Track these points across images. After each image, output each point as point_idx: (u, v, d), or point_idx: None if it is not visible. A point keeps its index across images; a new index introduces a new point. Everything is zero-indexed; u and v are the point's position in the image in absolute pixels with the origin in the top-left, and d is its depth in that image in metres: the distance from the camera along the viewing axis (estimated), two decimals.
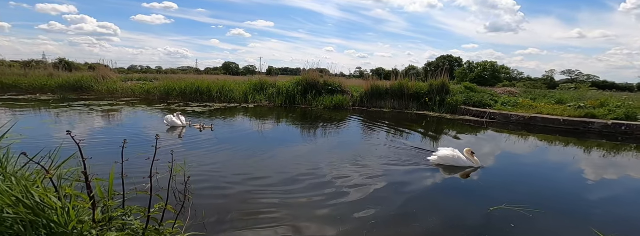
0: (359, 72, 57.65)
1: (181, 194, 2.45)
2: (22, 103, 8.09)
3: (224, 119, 6.96)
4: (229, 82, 11.64)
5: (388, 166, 3.63)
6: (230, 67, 50.46)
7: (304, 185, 2.91)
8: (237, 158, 3.75)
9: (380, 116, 8.63)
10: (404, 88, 10.07)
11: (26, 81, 11.55)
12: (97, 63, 14.92)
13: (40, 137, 4.33)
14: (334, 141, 5.11)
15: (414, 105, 10.03)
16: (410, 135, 5.82)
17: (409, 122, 7.60)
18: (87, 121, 5.95)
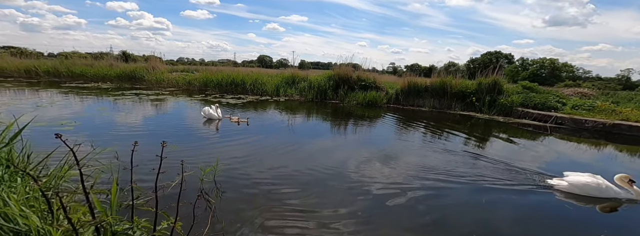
0: (392, 67, 55.15)
1: (207, 194, 2.46)
2: (85, 91, 9.21)
3: (255, 112, 7.08)
4: (262, 74, 11.86)
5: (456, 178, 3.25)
6: (265, 60, 52.05)
7: (343, 198, 2.72)
8: (266, 155, 3.70)
9: (419, 115, 8.02)
10: (447, 86, 9.19)
11: (91, 70, 13.16)
12: (151, 55, 16.46)
13: (89, 124, 4.81)
14: (378, 143, 4.81)
15: (458, 105, 9.14)
16: (459, 138, 5.23)
17: (452, 123, 6.91)
18: (134, 110, 6.51)
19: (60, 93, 8.55)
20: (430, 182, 3.05)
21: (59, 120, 4.79)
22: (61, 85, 10.78)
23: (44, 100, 6.94)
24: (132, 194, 1.22)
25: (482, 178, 3.26)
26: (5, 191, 1.07)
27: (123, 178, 2.40)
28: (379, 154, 3.99)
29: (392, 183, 2.96)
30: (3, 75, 13.23)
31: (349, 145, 4.48)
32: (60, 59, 15.45)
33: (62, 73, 13.28)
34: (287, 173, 3.06)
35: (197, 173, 2.71)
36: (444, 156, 4.11)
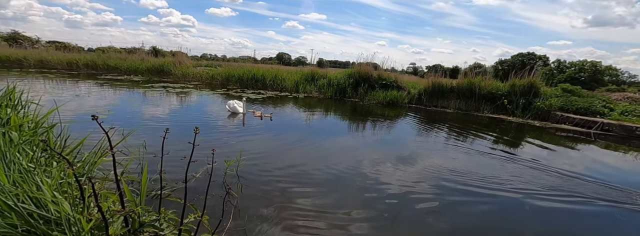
0: (413, 68, 53.32)
1: (229, 187, 2.46)
2: (118, 83, 9.79)
3: (275, 107, 7.11)
4: (282, 71, 11.93)
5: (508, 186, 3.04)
6: (283, 57, 52.57)
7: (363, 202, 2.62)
8: (286, 151, 3.68)
9: (444, 117, 7.67)
10: (475, 87, 8.70)
11: (125, 64, 13.99)
12: (177, 51, 17.21)
13: (122, 114, 5.06)
14: (401, 143, 4.64)
15: (487, 107, 8.63)
16: (490, 141, 4.89)
17: (480, 126, 6.51)
18: (161, 102, 6.79)
19: (96, 84, 9.16)
20: (461, 187, 2.84)
21: (94, 109, 5.09)
22: (98, 77, 11.55)
23: (82, 91, 7.46)
24: (160, 183, 1.19)
25: (524, 184, 2.99)
26: (40, 175, 1.09)
27: (150, 168, 2.45)
28: (402, 154, 3.81)
29: (418, 186, 2.79)
30: (48, 67, 14.45)
31: (369, 145, 4.34)
32: (98, 53, 16.58)
33: (99, 66, 14.25)
34: (306, 171, 3.00)
35: (220, 166, 2.73)
36: (476, 159, 3.84)
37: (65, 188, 1.17)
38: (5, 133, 1.23)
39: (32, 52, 15.92)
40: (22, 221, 0.87)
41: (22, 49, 17.88)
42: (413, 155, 3.88)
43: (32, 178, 1.04)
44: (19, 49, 17.82)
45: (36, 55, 15.18)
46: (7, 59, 15.00)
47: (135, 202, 1.15)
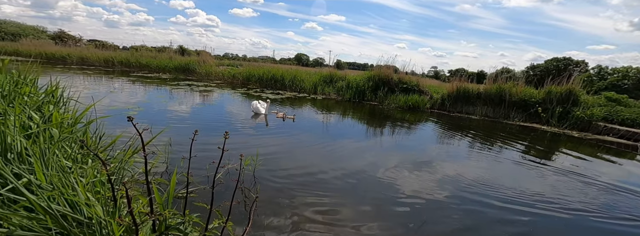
0: (434, 71, 51.50)
1: (247, 190, 2.46)
2: (148, 80, 10.35)
3: (294, 108, 7.14)
4: (301, 72, 11.99)
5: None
6: (302, 58, 52.99)
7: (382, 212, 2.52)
8: (304, 154, 3.65)
9: (468, 123, 7.29)
10: (505, 93, 8.20)
11: (154, 62, 14.80)
12: (202, 50, 17.95)
13: (150, 111, 5.31)
14: (423, 150, 4.46)
15: (517, 115, 8.10)
16: (522, 151, 4.55)
17: (509, 134, 6.10)
18: (186, 99, 7.06)
19: (129, 81, 9.74)
20: (495, 202, 2.63)
21: (126, 105, 5.39)
22: (130, 74, 12.30)
23: (116, 87, 7.96)
24: (187, 188, 1.19)
25: (563, 200, 2.72)
26: (75, 174, 1.12)
27: (172, 164, 2.51)
28: (425, 162, 3.63)
29: (441, 196, 2.62)
30: (87, 64, 15.64)
31: (389, 150, 4.18)
32: (132, 51, 17.69)
33: (132, 64, 15.20)
34: (323, 175, 2.94)
35: (239, 166, 2.73)
36: (506, 169, 3.57)
37: (98, 188, 1.20)
38: (47, 129, 1.31)
39: (75, 50, 17.32)
40: (56, 224, 0.88)
41: (67, 46, 19.52)
42: (436, 162, 3.68)
43: (67, 178, 1.07)
44: (63, 46, 19.46)
45: (78, 52, 16.49)
46: (53, 55, 16.44)
47: (162, 206, 1.15)
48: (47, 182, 1.01)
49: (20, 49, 17.81)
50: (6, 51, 17.86)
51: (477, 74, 36.53)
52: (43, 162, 1.05)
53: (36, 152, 1.07)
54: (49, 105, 1.69)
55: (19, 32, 26.05)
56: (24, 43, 19.58)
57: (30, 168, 1.07)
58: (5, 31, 26.04)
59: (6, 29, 26.90)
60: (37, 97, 1.71)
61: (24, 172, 0.95)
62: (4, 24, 28.48)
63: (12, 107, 1.41)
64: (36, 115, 1.43)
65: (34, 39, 21.84)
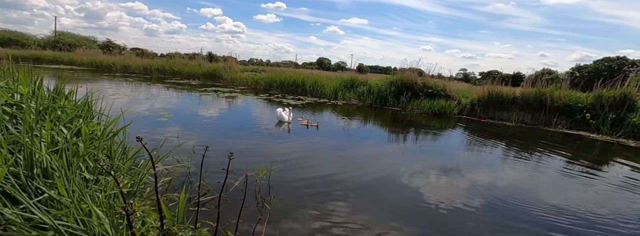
0: (463, 74, 48.77)
1: (262, 197, 2.46)
2: (180, 87, 11.07)
3: (314, 114, 7.14)
4: (322, 77, 12.02)
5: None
6: (323, 62, 53.40)
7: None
8: (323, 160, 3.59)
9: (502, 131, 6.75)
10: (546, 98, 7.48)
11: (186, 69, 15.83)
12: (228, 56, 18.89)
13: (180, 116, 5.63)
14: (453, 160, 4.19)
15: (560, 121, 7.34)
16: (562, 160, 4.06)
17: (551, 143, 5.53)
18: (213, 105, 7.40)
19: (164, 87, 10.51)
20: (534, 218, 2.34)
21: (159, 111, 5.78)
22: (165, 80, 13.29)
23: (153, 93, 8.62)
24: (198, 204, 1.19)
25: (627, 221, 2.34)
26: (91, 191, 1.18)
27: (195, 175, 2.60)
28: (452, 170, 3.36)
29: (477, 210, 2.39)
30: (129, 71, 17.20)
31: (413, 158, 3.96)
32: (166, 59, 19.17)
33: (167, 71, 16.41)
34: (343, 183, 2.84)
35: (255, 175, 2.76)
36: (552, 182, 3.19)
37: (112, 202, 1.26)
38: (75, 143, 1.42)
39: (119, 58, 19.18)
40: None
41: (112, 55, 21.70)
42: (464, 170, 3.40)
43: (84, 195, 1.13)
44: (110, 55, 21.67)
45: (121, 61, 18.23)
46: (101, 64, 18.35)
47: (172, 221, 1.17)
48: (68, 197, 1.08)
49: (75, 58, 20.16)
50: (63, 60, 20.36)
51: (512, 76, 33.84)
52: (65, 177, 1.13)
53: (59, 168, 1.16)
54: (78, 120, 1.85)
55: (75, 43, 29.51)
56: (78, 53, 22.14)
57: (55, 182, 1.16)
58: (63, 42, 29.66)
59: (64, 40, 30.66)
60: (70, 111, 1.88)
61: (45, 188, 1.03)
62: (62, 36, 32.47)
63: (44, 121, 1.55)
64: (65, 130, 1.57)
65: (86, 49, 24.60)
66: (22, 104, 1.64)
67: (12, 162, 1.15)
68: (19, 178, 1.11)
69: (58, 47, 27.48)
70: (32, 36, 33.11)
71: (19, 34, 32.36)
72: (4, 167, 1.05)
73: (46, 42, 30.36)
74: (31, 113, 1.54)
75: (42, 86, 2.21)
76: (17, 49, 26.13)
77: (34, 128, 1.34)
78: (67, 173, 1.17)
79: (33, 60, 21.11)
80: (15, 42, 29.31)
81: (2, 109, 1.53)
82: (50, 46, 28.12)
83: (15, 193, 1.02)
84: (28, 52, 22.75)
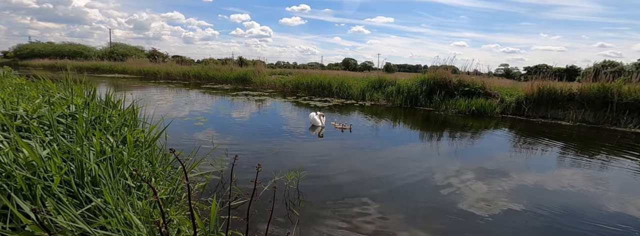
0: (504, 69, 44.77)
1: (291, 202, 2.44)
2: (214, 91, 11.77)
3: (341, 116, 7.04)
4: (348, 77, 11.84)
5: None
6: (349, 63, 52.83)
7: None
8: (357, 164, 3.48)
9: (557, 131, 6.01)
10: (612, 93, 6.49)
11: (219, 74, 16.81)
12: (257, 60, 19.66)
13: (214, 120, 5.94)
14: (501, 167, 3.80)
15: (631, 120, 6.34)
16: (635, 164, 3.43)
17: (619, 145, 4.74)
18: (244, 108, 7.70)
19: (200, 92, 11.26)
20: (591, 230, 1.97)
21: (196, 116, 6.17)
22: (201, 86, 14.25)
23: (192, 98, 9.28)
24: (229, 212, 1.18)
25: None
26: (133, 198, 1.24)
27: (228, 179, 2.67)
28: (495, 173, 3.01)
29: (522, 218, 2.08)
30: (171, 78, 18.80)
31: (449, 159, 3.64)
32: (202, 65, 20.56)
33: (203, 77, 17.60)
34: (373, 184, 2.72)
35: (284, 179, 2.75)
36: (618, 190, 2.68)
37: (152, 211, 1.32)
38: (120, 152, 1.54)
39: (162, 66, 21.08)
40: None
41: (157, 63, 23.95)
42: (510, 173, 3.01)
43: (124, 203, 1.19)
44: (155, 63, 23.93)
45: (164, 68, 20.01)
46: (148, 72, 20.33)
47: (203, 229, 1.18)
48: (113, 204, 1.16)
49: (127, 67, 22.63)
50: (117, 70, 23.00)
51: (566, 70, 30.14)
52: (110, 184, 1.21)
53: (106, 176, 1.25)
54: (124, 127, 2.02)
55: (126, 53, 33.17)
56: (129, 62, 24.80)
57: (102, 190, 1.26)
58: (116, 52, 33.53)
59: (117, 50, 34.64)
60: (117, 119, 2.07)
61: (91, 196, 1.11)
62: (116, 47, 36.74)
63: (96, 130, 1.70)
64: (111, 138, 1.71)
65: (136, 58, 27.47)
66: (76, 115, 1.84)
67: (65, 170, 1.27)
68: (71, 186, 1.21)
69: (113, 58, 31.13)
70: (93, 48, 37.97)
71: (82, 47, 37.36)
72: (57, 176, 1.16)
73: (103, 53, 34.61)
74: (83, 123, 1.71)
75: (95, 96, 2.48)
76: (81, 60, 30.17)
77: (85, 137, 1.48)
78: (111, 182, 1.26)
79: (93, 70, 24.21)
80: (80, 54, 33.91)
81: (56, 120, 1.72)
82: (107, 57, 32.00)
83: (62, 204, 1.11)
84: (89, 63, 26.15)
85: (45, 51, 35.14)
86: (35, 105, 1.83)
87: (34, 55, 34.72)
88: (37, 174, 1.25)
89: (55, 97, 2.07)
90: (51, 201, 1.11)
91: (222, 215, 1.84)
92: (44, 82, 2.77)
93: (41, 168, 1.24)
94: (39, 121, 1.78)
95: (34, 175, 1.24)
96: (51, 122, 1.61)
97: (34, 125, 1.64)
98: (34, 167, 1.27)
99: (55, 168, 1.23)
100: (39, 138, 1.52)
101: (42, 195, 1.13)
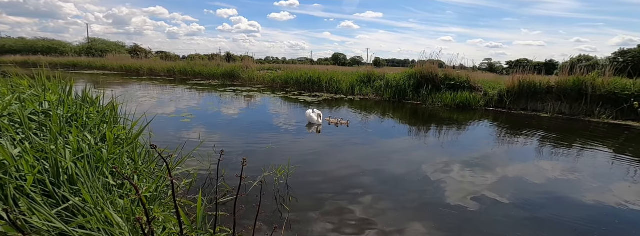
0: (488, 64, 46.14)
1: (281, 197, 2.44)
2: (201, 88, 11.47)
3: (330, 110, 7.05)
4: (338, 72, 11.84)
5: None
6: (339, 58, 52.76)
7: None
8: (346, 154, 3.52)
9: (537, 123, 6.28)
10: (586, 86, 6.84)
11: (206, 70, 16.37)
12: (245, 56, 19.29)
13: (202, 117, 5.80)
14: (486, 159, 3.93)
15: (604, 111, 6.71)
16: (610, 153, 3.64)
17: (594, 135, 5.02)
18: (232, 105, 7.56)
19: (186, 89, 10.94)
20: (572, 216, 2.10)
21: (182, 113, 6.01)
22: (187, 82, 13.84)
23: (177, 94, 9.00)
24: (216, 208, 1.17)
25: None
26: (114, 196, 1.20)
27: (215, 176, 2.64)
28: (479, 165, 3.13)
29: (508, 207, 2.19)
30: (155, 74, 18.14)
31: (436, 152, 3.74)
32: (188, 61, 19.93)
33: (189, 72, 17.08)
34: (363, 178, 2.75)
35: (274, 175, 2.75)
36: (595, 178, 2.86)
37: (135, 209, 1.28)
38: (99, 149, 1.48)
39: (145, 62, 20.26)
40: None
41: (139, 59, 23.00)
42: (493, 164, 3.14)
43: (105, 202, 1.15)
44: (137, 59, 22.97)
45: (147, 64, 19.25)
46: (129, 68, 19.52)
47: (190, 227, 1.17)
48: (93, 202, 1.11)
49: (106, 63, 21.62)
50: (96, 66, 21.93)
51: (544, 64, 31.28)
52: (88, 184, 1.16)
53: (83, 174, 1.20)
54: (103, 125, 1.93)
55: (105, 49, 31.57)
56: (109, 58, 23.69)
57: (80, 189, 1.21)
58: (95, 48, 31.86)
59: (96, 46, 32.92)
60: (95, 116, 1.97)
61: (68, 195, 1.07)
62: (94, 42, 34.87)
63: (72, 127, 1.61)
64: (89, 136, 1.64)
65: (116, 54, 26.26)
66: (51, 112, 1.74)
67: (38, 169, 1.21)
68: (46, 185, 1.16)
69: (91, 53, 29.59)
70: (69, 44, 35.86)
71: (57, 42, 35.20)
72: (30, 175, 1.11)
73: (81, 49, 32.81)
74: (57, 121, 1.63)
75: (72, 93, 2.35)
76: (57, 56, 28.50)
77: (60, 135, 1.41)
78: (89, 180, 1.21)
79: (70, 66, 22.99)
80: (55, 50, 31.95)
81: (28, 118, 1.63)
82: (84, 53, 30.36)
83: (35, 204, 1.06)
84: (66, 59, 24.77)
85: (16, 47, 32.89)
86: (5, 102, 1.72)
87: (5, 51, 32.48)
88: (8, 173, 1.19)
89: (27, 93, 1.95)
90: (25, 201, 1.06)
91: (211, 212, 1.82)
92: (15, 79, 2.61)
93: (13, 167, 1.17)
94: (10, 119, 1.68)
95: (6, 175, 1.17)
96: (22, 119, 1.52)
97: (4, 123, 1.55)
98: (5, 166, 1.21)
99: (28, 167, 1.17)
100: (10, 136, 1.43)
101: (15, 195, 1.08)
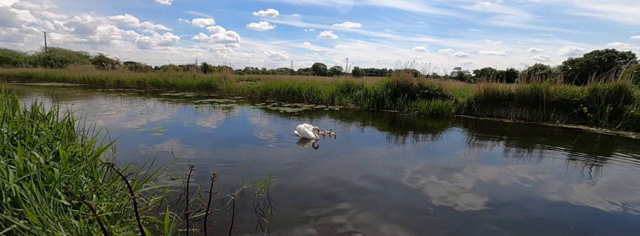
0: (458, 72, 49.62)
1: (261, 210, 2.35)
2: (175, 100, 10.97)
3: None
4: (317, 83, 12.01)
5: None
6: (319, 67, 53.83)
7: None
8: (326, 170, 3.49)
9: (501, 128, 6.74)
10: (541, 93, 7.54)
11: (180, 81, 15.74)
12: (223, 66, 18.89)
13: (175, 131, 5.51)
14: (457, 163, 4.09)
15: (558, 116, 7.40)
16: (567, 155, 3.99)
17: (551, 138, 5.52)
18: (209, 117, 7.29)
19: (158, 101, 10.39)
20: (537, 214, 2.25)
21: (154, 126, 5.66)
22: (160, 94, 13.17)
23: (149, 107, 8.50)
24: (187, 227, 1.09)
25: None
26: (68, 218, 1.08)
27: (191, 191, 2.48)
28: (453, 170, 3.27)
29: (482, 208, 2.29)
30: (123, 86, 17.08)
31: (413, 159, 3.87)
32: (160, 72, 19.06)
33: (161, 84, 16.29)
34: (344, 187, 2.74)
35: (253, 187, 2.65)
36: (555, 177, 3.11)
37: (92, 230, 1.16)
38: (50, 168, 1.33)
39: (112, 73, 19.05)
40: None
41: (105, 70, 21.58)
42: (465, 170, 3.31)
43: (56, 222, 1.03)
44: (102, 70, 21.54)
45: (114, 75, 18.11)
46: (94, 79, 18.22)
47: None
48: (40, 224, 0.98)
49: (67, 74, 20.00)
50: (54, 77, 20.18)
51: (506, 73, 34.25)
52: (37, 203, 1.04)
53: (30, 196, 1.07)
54: (55, 142, 1.75)
55: (66, 59, 29.24)
56: (70, 69, 21.97)
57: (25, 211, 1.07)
58: (54, 58, 29.39)
59: (55, 56, 30.39)
60: (46, 133, 1.78)
61: (11, 218, 0.94)
62: (53, 52, 32.18)
63: (18, 146, 1.45)
64: (37, 154, 1.47)
65: (79, 64, 24.44)
66: None
67: None
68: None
69: (49, 64, 27.24)
70: (23, 53, 32.80)
71: (10, 52, 32.02)
72: None
73: (37, 59, 30.10)
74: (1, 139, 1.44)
75: (18, 108, 2.11)
76: (8, 67, 25.85)
77: (3, 155, 1.25)
78: (36, 202, 1.08)
79: (24, 78, 20.95)
80: (6, 61, 29.01)
81: None
82: (41, 63, 27.85)
83: None
84: (19, 70, 22.57)
85: None
86: None
87: None
88: None
89: None
90: None
91: (183, 229, 1.69)
92: None
93: None
94: None
95: None
96: None
97: None
98: None
99: None
100: None
101: None
